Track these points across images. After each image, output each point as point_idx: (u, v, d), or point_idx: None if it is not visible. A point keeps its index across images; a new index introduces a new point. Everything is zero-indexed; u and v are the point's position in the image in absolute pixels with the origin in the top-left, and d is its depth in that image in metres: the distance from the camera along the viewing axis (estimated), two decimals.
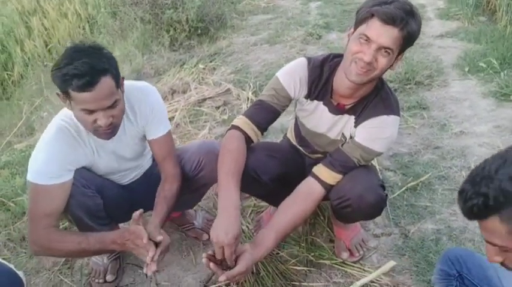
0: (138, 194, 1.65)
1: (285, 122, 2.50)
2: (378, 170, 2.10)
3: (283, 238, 1.40)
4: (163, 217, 1.46)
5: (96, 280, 1.66)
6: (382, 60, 1.25)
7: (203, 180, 1.61)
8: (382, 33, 1.20)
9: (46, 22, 4.77)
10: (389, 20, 1.19)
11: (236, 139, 1.42)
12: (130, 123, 1.48)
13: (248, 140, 1.45)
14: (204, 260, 1.26)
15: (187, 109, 2.83)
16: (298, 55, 3.64)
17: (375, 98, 1.39)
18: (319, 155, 1.61)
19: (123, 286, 1.68)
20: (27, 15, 4.88)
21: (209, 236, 1.79)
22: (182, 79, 3.20)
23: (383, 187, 1.43)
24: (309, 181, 1.41)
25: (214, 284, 1.60)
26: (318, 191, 1.40)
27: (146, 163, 1.70)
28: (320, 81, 1.44)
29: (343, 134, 1.47)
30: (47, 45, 4.61)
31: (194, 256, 1.77)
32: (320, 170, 1.41)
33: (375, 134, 1.37)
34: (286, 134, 1.81)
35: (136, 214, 1.37)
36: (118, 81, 1.30)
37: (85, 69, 1.19)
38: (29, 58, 4.42)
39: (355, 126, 1.42)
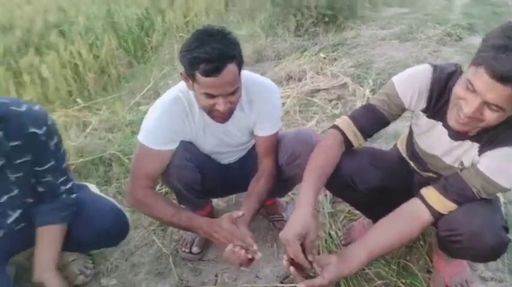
0: (235, 175, 1.68)
1: (400, 128, 2.31)
2: (502, 203, 1.83)
3: (376, 258, 1.28)
4: (254, 214, 1.47)
5: (183, 249, 1.74)
6: (490, 115, 1.04)
7: (295, 170, 1.55)
8: (490, 89, 1.00)
9: None
10: (499, 78, 0.97)
11: (333, 138, 1.35)
12: (244, 114, 1.49)
13: (347, 142, 1.36)
14: (284, 261, 1.21)
15: (299, 98, 2.79)
16: (431, 56, 3.34)
17: (509, 125, 1.15)
18: (431, 175, 1.43)
19: (206, 260, 1.74)
20: None
21: None
22: (300, 66, 3.16)
23: (506, 229, 1.21)
24: (415, 202, 1.25)
25: (291, 283, 1.57)
26: (425, 217, 1.22)
27: (248, 147, 1.71)
28: (442, 98, 1.24)
29: (462, 162, 1.27)
30: (185, 17, 4.91)
31: (277, 249, 1.76)
32: (430, 193, 1.24)
33: (503, 166, 1.15)
34: (397, 143, 1.67)
35: (234, 216, 1.39)
36: (241, 68, 1.31)
37: (214, 54, 1.22)
38: (167, 28, 4.76)
39: (479, 155, 1.20)
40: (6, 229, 1.36)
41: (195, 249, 1.74)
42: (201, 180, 1.55)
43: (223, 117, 1.38)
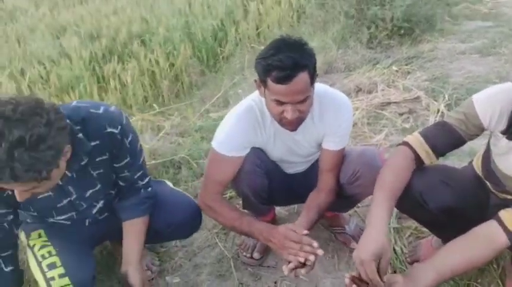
0: (299, 185, 1.69)
1: (476, 146, 2.17)
2: None
3: (444, 281, 1.21)
4: (312, 225, 1.47)
5: (244, 253, 1.77)
6: None
7: (357, 190, 1.55)
8: None
9: (261, 7, 5.20)
10: None
11: (403, 156, 1.31)
12: (314, 125, 1.50)
13: (418, 161, 1.31)
14: (346, 280, 1.18)
15: (368, 110, 2.73)
16: None
17: None
18: (509, 197, 1.33)
19: (266, 266, 1.75)
20: (247, 0, 5.40)
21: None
22: (371, 79, 3.10)
23: None
24: (491, 225, 1.16)
25: None
26: (501, 241, 1.14)
27: (313, 159, 1.71)
28: None
29: None
30: (257, 29, 5.04)
31: (338, 260, 1.73)
32: (508, 216, 1.15)
33: None
34: (472, 160, 1.57)
35: (290, 226, 1.40)
36: (313, 79, 1.33)
37: (288, 63, 1.25)
38: (240, 39, 4.91)
39: None
40: (91, 218, 1.49)
41: (256, 255, 1.76)
42: (267, 187, 1.58)
43: (292, 125, 1.40)
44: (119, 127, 1.31)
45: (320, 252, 1.33)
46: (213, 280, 1.71)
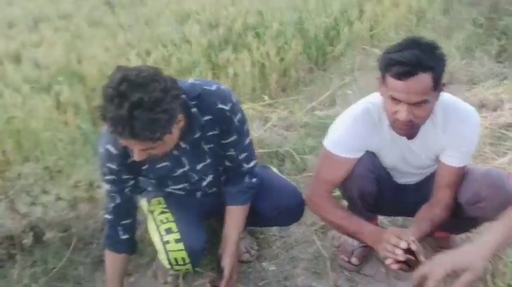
0: (408, 197, 1.63)
1: None
2: None
3: None
4: (421, 236, 1.39)
5: (342, 256, 1.76)
6: None
7: (477, 212, 1.44)
8: None
9: (378, 8, 5.04)
10: None
11: None
12: (435, 135, 1.43)
13: None
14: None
15: (492, 129, 2.51)
16: None
17: None
18: None
19: (363, 273, 1.72)
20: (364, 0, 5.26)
21: None
22: (497, 95, 2.85)
23: None
24: None
25: None
26: None
27: (428, 173, 1.63)
28: None
29: None
30: (371, 30, 4.90)
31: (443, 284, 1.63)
32: None
33: None
34: None
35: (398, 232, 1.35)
36: (437, 84, 1.27)
37: (411, 60, 1.22)
38: (352, 39, 4.81)
39: None
40: (202, 191, 1.59)
41: (353, 260, 1.73)
42: (376, 193, 1.54)
43: (404, 129, 1.34)
44: (229, 105, 1.39)
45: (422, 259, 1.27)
46: (309, 276, 1.72)
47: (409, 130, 1.36)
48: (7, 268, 1.80)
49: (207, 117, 1.38)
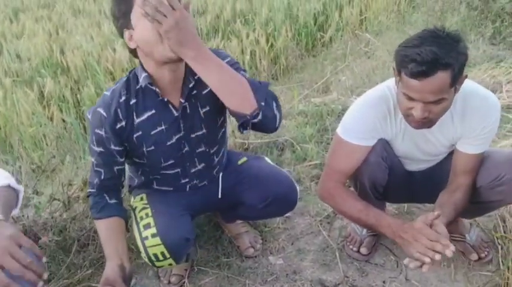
0: (417, 183, 1.58)
1: None
2: None
3: None
4: (448, 222, 1.32)
5: (351, 246, 1.70)
6: None
7: (498, 196, 1.40)
8: None
9: None
10: None
11: None
12: (452, 125, 1.37)
13: None
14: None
15: None
16: None
17: None
18: None
19: (373, 263, 1.67)
20: None
21: (479, 257, 1.61)
22: (494, 77, 2.82)
23: None
24: None
25: None
26: None
27: (440, 158, 1.58)
28: None
29: None
30: (361, 15, 4.84)
31: (454, 270, 1.59)
32: None
33: None
34: None
35: (430, 217, 1.27)
36: (455, 80, 1.20)
37: (428, 58, 1.14)
38: (342, 24, 4.75)
39: None
40: (191, 183, 1.50)
41: (363, 250, 1.68)
42: (386, 182, 1.49)
43: (417, 124, 1.29)
44: (228, 59, 1.30)
45: (449, 253, 1.20)
46: (317, 268, 1.66)
47: (423, 126, 1.30)
48: None
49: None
